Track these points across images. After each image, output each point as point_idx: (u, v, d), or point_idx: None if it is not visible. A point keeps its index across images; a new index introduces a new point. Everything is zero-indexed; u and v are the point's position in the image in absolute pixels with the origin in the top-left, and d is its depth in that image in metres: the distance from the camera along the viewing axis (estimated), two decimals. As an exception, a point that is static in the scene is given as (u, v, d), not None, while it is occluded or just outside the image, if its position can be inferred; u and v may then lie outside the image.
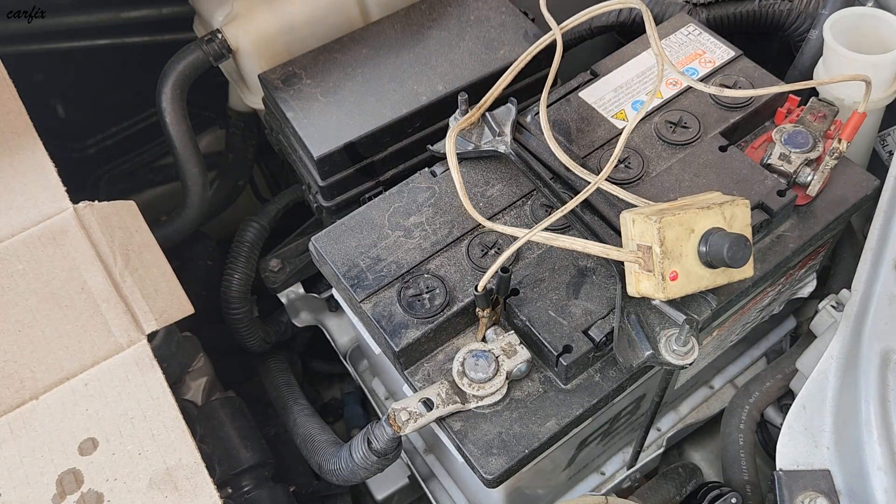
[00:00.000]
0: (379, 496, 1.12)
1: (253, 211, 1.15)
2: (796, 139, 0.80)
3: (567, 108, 0.87)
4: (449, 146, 0.79)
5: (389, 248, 0.77)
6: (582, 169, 0.77)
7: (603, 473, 0.99)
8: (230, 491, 0.86)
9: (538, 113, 0.83)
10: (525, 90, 0.96)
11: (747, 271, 0.69)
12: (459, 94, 0.82)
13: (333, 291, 0.89)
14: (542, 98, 0.82)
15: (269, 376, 1.15)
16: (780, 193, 0.77)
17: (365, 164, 0.92)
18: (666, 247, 0.64)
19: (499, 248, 0.76)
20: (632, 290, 0.67)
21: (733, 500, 0.88)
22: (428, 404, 0.70)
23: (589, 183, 0.74)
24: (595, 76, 0.90)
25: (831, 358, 0.78)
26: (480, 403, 0.70)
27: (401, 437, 0.71)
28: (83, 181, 1.29)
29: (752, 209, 0.74)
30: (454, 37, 0.96)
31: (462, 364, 0.70)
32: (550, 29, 0.86)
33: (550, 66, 0.86)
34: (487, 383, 0.69)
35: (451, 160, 0.78)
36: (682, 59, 0.91)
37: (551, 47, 0.86)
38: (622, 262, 0.68)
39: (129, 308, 0.72)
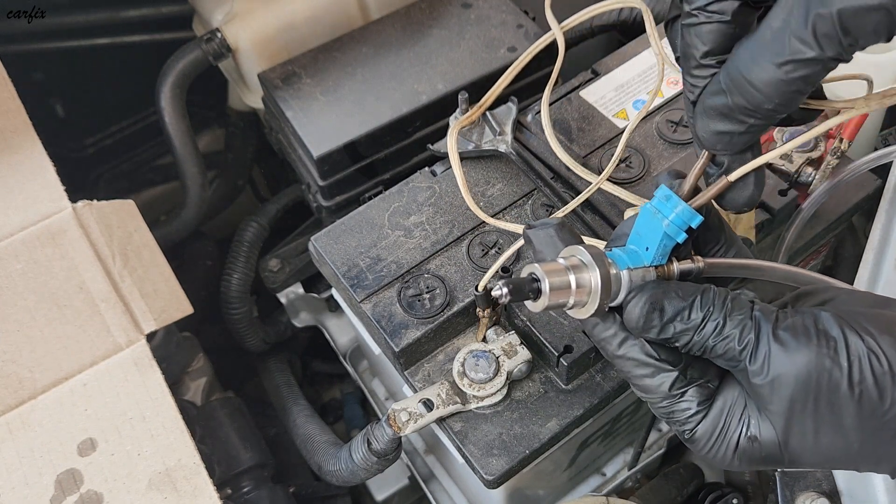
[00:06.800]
0: (379, 497, 1.12)
1: (253, 211, 1.14)
2: (798, 138, 0.80)
3: (568, 108, 0.87)
4: (450, 143, 0.79)
5: (389, 248, 0.77)
6: (583, 168, 0.77)
7: (604, 474, 0.99)
8: (230, 491, 0.86)
9: (539, 112, 0.83)
10: (525, 89, 0.96)
11: (749, 271, 0.69)
12: (460, 92, 0.81)
13: (333, 291, 0.89)
14: (544, 97, 0.82)
15: (269, 376, 1.14)
16: (782, 193, 0.77)
17: (365, 163, 0.92)
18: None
19: (499, 248, 0.76)
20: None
21: (734, 501, 0.88)
22: (428, 405, 0.69)
23: (590, 183, 0.73)
24: (596, 75, 0.90)
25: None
26: (481, 404, 0.70)
27: (401, 437, 0.71)
28: (82, 180, 1.29)
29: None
30: (455, 35, 0.96)
31: (462, 364, 0.70)
32: (551, 28, 0.86)
33: (551, 65, 0.86)
34: (488, 384, 0.69)
35: (453, 156, 0.77)
36: (684, 58, 0.91)
37: (552, 46, 0.85)
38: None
39: (127, 308, 0.72)
